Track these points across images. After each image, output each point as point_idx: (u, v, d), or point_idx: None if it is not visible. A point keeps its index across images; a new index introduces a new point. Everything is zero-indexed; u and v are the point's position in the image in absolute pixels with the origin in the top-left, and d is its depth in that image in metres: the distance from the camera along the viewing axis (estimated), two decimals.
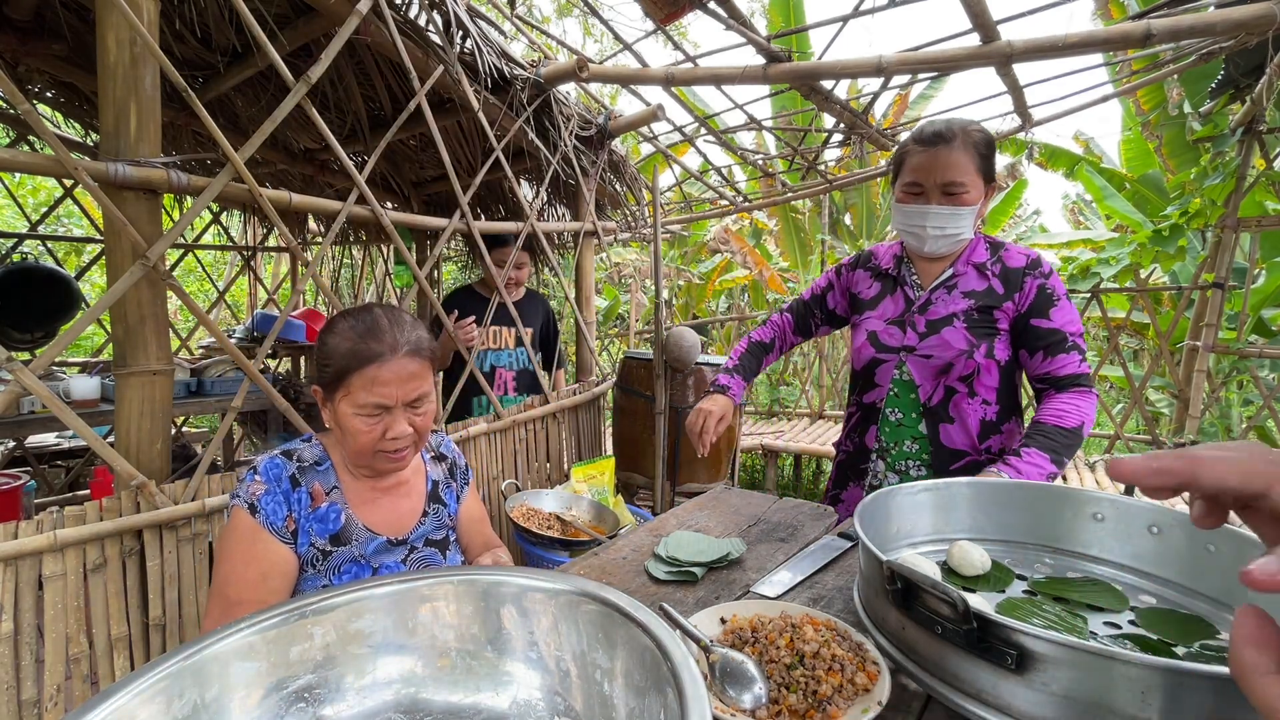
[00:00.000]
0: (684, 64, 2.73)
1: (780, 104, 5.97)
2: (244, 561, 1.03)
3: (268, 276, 6.21)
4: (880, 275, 1.55)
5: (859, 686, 0.65)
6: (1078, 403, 1.32)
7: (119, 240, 1.42)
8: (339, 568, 1.11)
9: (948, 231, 1.37)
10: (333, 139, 1.77)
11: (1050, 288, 1.37)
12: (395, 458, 1.10)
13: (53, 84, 2.96)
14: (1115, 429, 4.69)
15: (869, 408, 1.52)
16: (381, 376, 1.05)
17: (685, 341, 3.01)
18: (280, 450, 1.14)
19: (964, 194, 1.34)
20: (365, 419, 1.06)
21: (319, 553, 1.09)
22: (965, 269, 1.43)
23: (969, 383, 1.40)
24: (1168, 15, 2.04)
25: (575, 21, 8.15)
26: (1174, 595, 0.82)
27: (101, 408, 2.67)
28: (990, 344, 1.38)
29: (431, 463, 1.30)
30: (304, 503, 1.10)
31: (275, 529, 1.06)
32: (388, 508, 1.18)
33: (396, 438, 1.07)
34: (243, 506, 1.06)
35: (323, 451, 1.16)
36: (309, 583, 1.09)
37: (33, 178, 7.01)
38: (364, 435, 1.06)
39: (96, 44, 1.40)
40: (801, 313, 1.71)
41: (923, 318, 1.44)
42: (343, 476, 1.16)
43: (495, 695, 0.65)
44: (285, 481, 1.09)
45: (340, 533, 1.11)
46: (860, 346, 1.54)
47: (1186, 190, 4.72)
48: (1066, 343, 1.35)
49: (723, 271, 8.48)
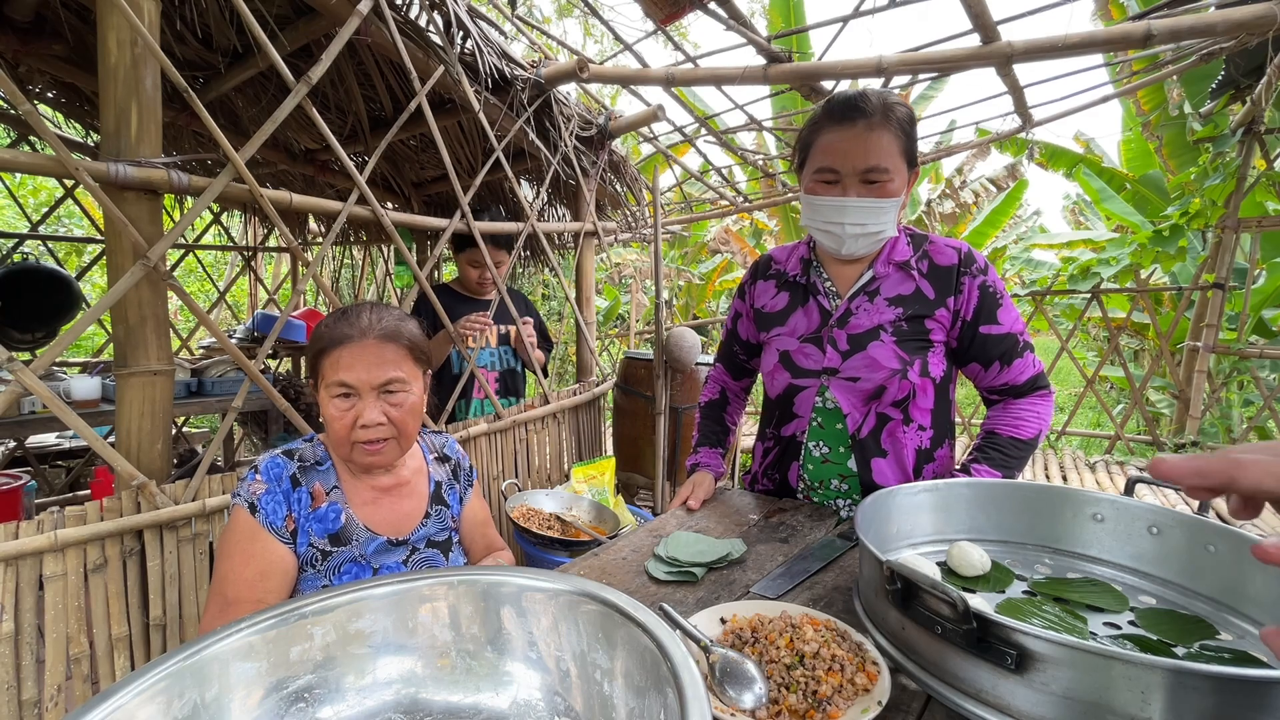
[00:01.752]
0: (684, 64, 2.73)
1: (781, 104, 5.97)
2: (243, 560, 1.03)
3: (268, 277, 6.21)
4: (786, 284, 1.32)
5: (859, 686, 0.65)
6: (1038, 409, 1.21)
7: (120, 240, 1.42)
8: (339, 568, 1.11)
9: (869, 229, 1.15)
10: (333, 139, 1.77)
11: (992, 286, 1.20)
12: (371, 449, 1.09)
13: (53, 84, 2.96)
14: (1116, 429, 4.69)
15: (789, 441, 1.31)
16: (346, 359, 1.06)
17: (685, 342, 3.02)
18: (282, 450, 1.14)
19: (888, 182, 1.13)
20: (337, 402, 1.07)
21: (318, 553, 1.09)
22: (887, 270, 1.22)
23: (904, 408, 1.21)
24: (1168, 16, 2.03)
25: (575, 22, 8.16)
26: (1174, 595, 0.82)
27: (102, 408, 2.67)
28: (924, 360, 1.19)
29: (435, 464, 1.29)
30: (304, 502, 1.09)
31: (274, 528, 1.06)
32: (388, 508, 1.18)
33: (367, 425, 1.06)
34: (243, 505, 1.06)
35: (324, 451, 1.16)
36: (309, 583, 1.09)
37: (34, 178, 7.01)
38: (336, 421, 1.07)
39: (97, 44, 1.40)
40: (729, 357, 1.49)
41: (843, 332, 1.22)
42: (343, 476, 1.15)
43: (495, 695, 0.65)
44: (286, 481, 1.09)
45: (340, 532, 1.11)
46: (772, 370, 1.31)
47: (1187, 191, 4.72)
48: (1019, 345, 1.21)
49: (723, 272, 8.49)
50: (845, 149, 1.13)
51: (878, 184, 1.13)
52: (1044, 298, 5.20)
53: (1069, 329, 5.31)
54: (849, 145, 1.13)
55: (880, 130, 1.11)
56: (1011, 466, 1.19)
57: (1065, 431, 4.91)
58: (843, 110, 1.14)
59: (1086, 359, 8.12)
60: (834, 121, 1.15)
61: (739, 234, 8.40)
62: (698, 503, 1.29)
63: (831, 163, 1.15)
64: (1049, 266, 7.40)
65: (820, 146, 1.17)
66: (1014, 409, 1.23)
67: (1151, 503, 0.88)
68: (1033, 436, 1.20)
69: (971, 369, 1.25)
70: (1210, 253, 4.35)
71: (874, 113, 1.12)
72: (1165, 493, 3.24)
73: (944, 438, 1.28)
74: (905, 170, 1.16)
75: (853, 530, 1.01)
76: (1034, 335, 11.84)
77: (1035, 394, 1.23)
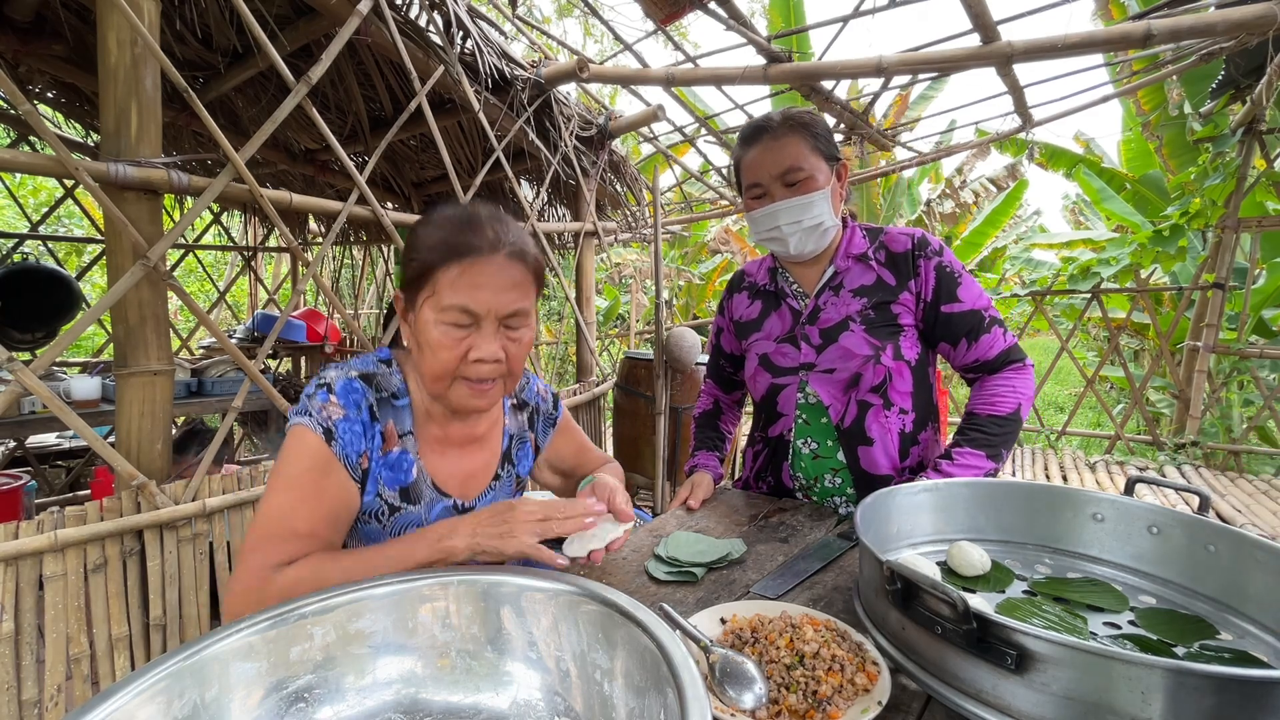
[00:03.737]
0: (684, 64, 2.73)
1: (781, 104, 5.97)
2: (314, 495, 0.85)
3: (268, 277, 6.21)
4: (758, 293, 1.40)
5: (859, 686, 0.65)
6: (1013, 382, 1.22)
7: (120, 240, 1.42)
8: (401, 531, 0.94)
9: (804, 223, 1.23)
10: (333, 139, 1.77)
11: (948, 265, 1.24)
12: (478, 389, 0.90)
13: (54, 84, 2.97)
14: (1116, 429, 4.69)
15: (777, 441, 1.35)
16: (472, 278, 0.86)
17: (685, 342, 3.02)
18: (358, 372, 0.93)
19: (807, 179, 1.21)
20: (448, 330, 0.87)
21: (386, 506, 0.92)
22: (847, 264, 1.29)
23: (882, 393, 1.25)
24: (1168, 15, 2.04)
25: (575, 22, 8.16)
26: (1174, 595, 0.82)
27: (102, 408, 2.67)
28: (895, 344, 1.24)
29: (510, 413, 1.09)
30: (376, 443, 0.91)
31: (350, 464, 0.88)
32: (456, 462, 1.00)
33: (482, 359, 0.87)
34: (315, 429, 0.86)
35: (402, 381, 0.96)
36: (372, 539, 0.93)
37: (33, 178, 7.01)
38: (444, 351, 0.87)
39: (97, 44, 1.40)
40: (717, 371, 1.55)
41: (814, 328, 1.29)
42: (418, 418, 0.96)
43: (495, 695, 0.65)
44: (365, 411, 0.90)
45: (410, 487, 0.94)
46: (754, 374, 1.37)
47: (1187, 190, 4.73)
48: (985, 321, 1.23)
49: (723, 272, 8.49)
50: (760, 162, 1.24)
51: (797, 184, 1.22)
52: (1044, 298, 5.20)
53: (1069, 329, 5.31)
54: (761, 158, 1.24)
55: (785, 138, 1.22)
56: (995, 445, 1.20)
57: (1065, 431, 4.92)
58: (751, 133, 1.27)
59: (1086, 359, 8.12)
60: (746, 145, 1.28)
61: (739, 234, 8.41)
62: (697, 503, 1.30)
63: (754, 178, 1.26)
64: (1049, 266, 7.40)
65: (743, 169, 1.29)
66: (989, 386, 1.25)
67: (1151, 503, 0.88)
68: (1011, 412, 1.21)
69: (942, 349, 1.29)
70: (1210, 253, 4.35)
71: (776, 125, 1.23)
72: (1165, 493, 3.24)
73: (926, 420, 1.31)
74: (825, 166, 1.23)
75: (852, 530, 1.01)
76: (1034, 335, 11.86)
77: (1009, 368, 1.25)
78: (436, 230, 0.89)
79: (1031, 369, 1.26)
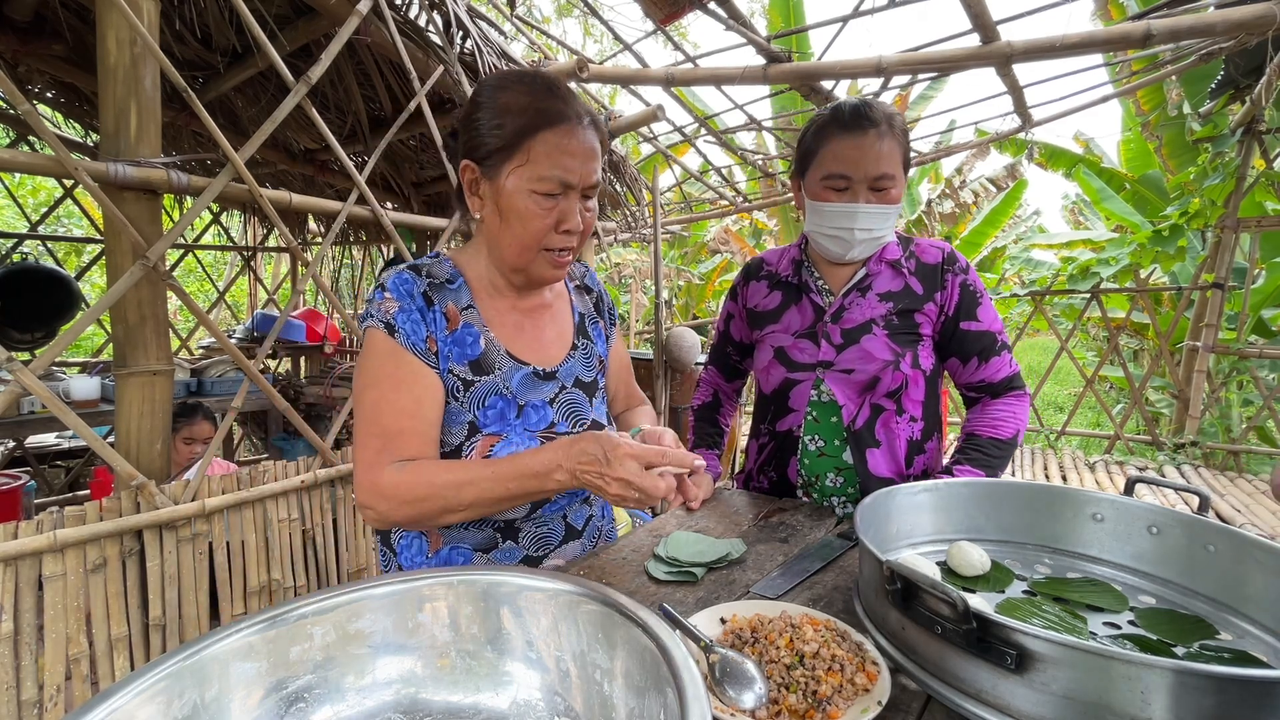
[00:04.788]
0: (684, 64, 2.73)
1: (780, 104, 5.97)
2: (393, 387, 0.88)
3: (268, 277, 6.21)
4: (778, 284, 1.36)
5: (859, 686, 0.65)
6: (1014, 409, 1.24)
7: (119, 240, 1.42)
8: (483, 400, 0.95)
9: (875, 233, 1.20)
10: (333, 139, 1.77)
11: (972, 285, 1.25)
12: (560, 260, 0.92)
13: (53, 84, 2.97)
14: (1115, 429, 4.69)
15: (785, 436, 1.33)
16: (567, 144, 0.85)
17: (685, 342, 3.02)
18: (406, 265, 0.96)
19: (893, 189, 1.18)
20: (541, 200, 0.86)
21: (460, 381, 0.94)
22: (879, 267, 1.27)
23: (897, 399, 1.25)
24: (1168, 16, 2.04)
25: (575, 22, 8.17)
26: (1174, 595, 0.82)
27: (101, 408, 2.67)
28: (914, 352, 1.24)
29: (576, 292, 1.11)
30: (440, 324, 0.93)
31: (418, 350, 0.91)
32: (532, 334, 1.01)
33: (571, 230, 0.88)
34: (378, 327, 0.90)
35: (453, 268, 0.98)
36: (452, 417, 0.94)
37: (33, 178, 7.01)
38: (536, 221, 0.86)
39: (97, 44, 1.40)
40: (721, 358, 1.52)
41: (837, 327, 1.26)
42: (478, 294, 0.98)
43: (495, 695, 0.65)
44: (419, 299, 0.93)
45: (481, 359, 0.95)
46: (767, 366, 1.34)
47: (1186, 190, 4.73)
48: (997, 344, 1.25)
49: (723, 271, 8.49)
50: (856, 157, 1.16)
51: (884, 190, 1.18)
52: (1044, 298, 5.20)
53: (1069, 329, 5.31)
54: (860, 153, 1.16)
55: (887, 139, 1.16)
56: (994, 466, 1.22)
57: (1065, 431, 4.92)
58: (852, 118, 1.17)
59: (1086, 359, 8.12)
60: (843, 129, 1.18)
61: (738, 234, 8.41)
62: (697, 503, 1.30)
63: (843, 169, 1.17)
64: (1049, 266, 7.40)
65: (829, 153, 1.19)
66: (991, 410, 1.27)
67: (1151, 503, 0.89)
68: (1011, 436, 1.24)
69: (951, 364, 1.30)
70: (1210, 252, 4.35)
71: (881, 121, 1.16)
72: (1165, 493, 3.24)
73: (933, 431, 1.32)
74: (904, 178, 1.21)
75: (852, 530, 1.01)
76: (1033, 335, 11.86)
77: (1011, 394, 1.27)
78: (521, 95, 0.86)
79: (1029, 398, 1.28)
